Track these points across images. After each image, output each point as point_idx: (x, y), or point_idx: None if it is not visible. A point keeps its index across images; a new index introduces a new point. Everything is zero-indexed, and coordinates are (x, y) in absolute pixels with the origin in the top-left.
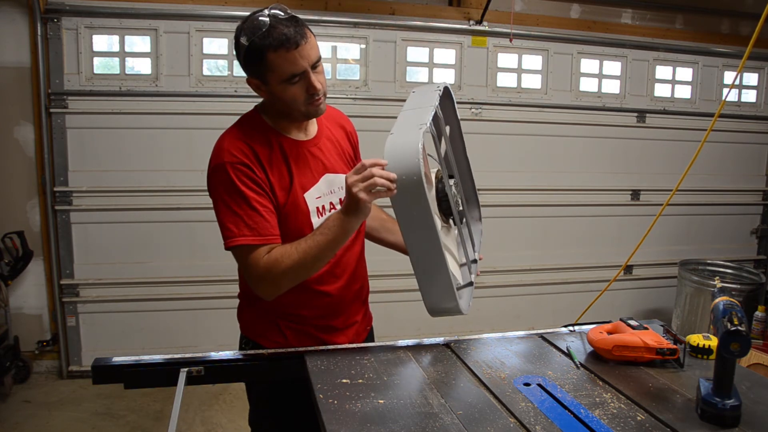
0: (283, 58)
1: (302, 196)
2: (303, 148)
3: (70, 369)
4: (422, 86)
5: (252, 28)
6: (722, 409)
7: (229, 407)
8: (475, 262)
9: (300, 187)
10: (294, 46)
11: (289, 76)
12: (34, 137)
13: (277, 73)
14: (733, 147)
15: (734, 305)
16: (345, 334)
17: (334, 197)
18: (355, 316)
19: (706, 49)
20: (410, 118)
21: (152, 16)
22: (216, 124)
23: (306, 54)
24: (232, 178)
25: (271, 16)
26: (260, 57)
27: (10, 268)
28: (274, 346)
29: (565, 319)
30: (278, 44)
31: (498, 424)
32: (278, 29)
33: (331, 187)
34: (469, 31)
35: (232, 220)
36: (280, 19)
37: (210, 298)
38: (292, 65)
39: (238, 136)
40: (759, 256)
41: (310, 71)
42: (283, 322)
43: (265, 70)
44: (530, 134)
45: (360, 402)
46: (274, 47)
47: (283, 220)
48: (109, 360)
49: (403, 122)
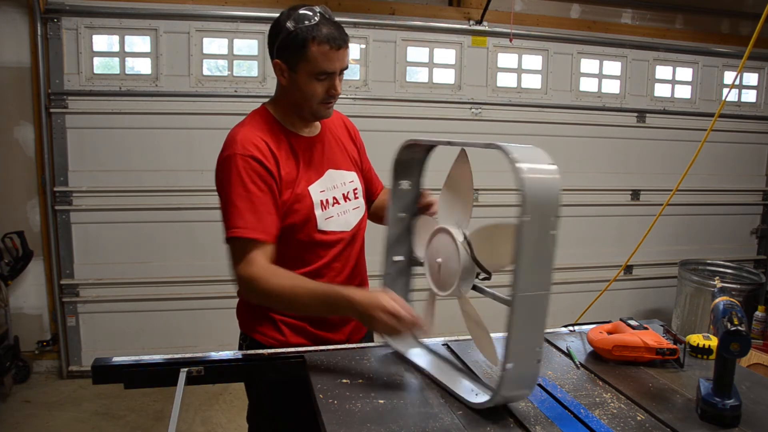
0: (324, 53)
1: (307, 189)
2: (309, 144)
3: (70, 369)
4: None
5: (301, 17)
6: (722, 409)
7: (229, 407)
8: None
9: (305, 180)
10: (337, 47)
11: (320, 71)
12: (34, 137)
13: (311, 65)
14: (733, 147)
15: (734, 305)
16: (342, 331)
17: (337, 192)
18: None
19: (706, 49)
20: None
21: (152, 16)
22: (216, 124)
23: (342, 58)
24: (240, 170)
25: (321, 12)
26: (302, 45)
27: (10, 268)
28: (271, 343)
29: (565, 319)
30: (324, 39)
31: (498, 424)
32: (327, 26)
33: (334, 182)
34: (469, 31)
35: (235, 211)
36: (328, 18)
37: (210, 298)
38: (328, 63)
39: (252, 130)
40: (759, 256)
41: (338, 75)
42: (280, 317)
43: (300, 58)
44: (530, 134)
45: (360, 402)
46: (319, 40)
47: (288, 211)
48: (109, 360)
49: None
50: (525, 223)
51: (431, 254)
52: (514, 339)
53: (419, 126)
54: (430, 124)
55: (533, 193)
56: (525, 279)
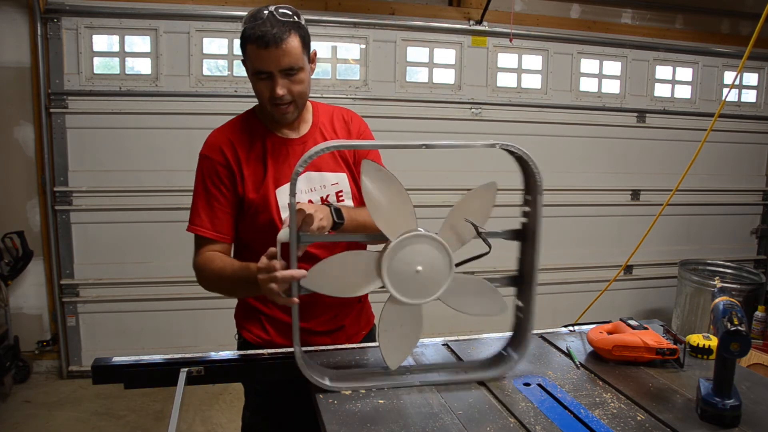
0: (255, 53)
1: (273, 191)
2: (285, 146)
3: (70, 369)
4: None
5: (250, 17)
6: (722, 409)
7: (229, 407)
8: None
9: (273, 182)
10: (263, 45)
11: (256, 71)
12: (34, 137)
13: (250, 63)
14: (733, 147)
15: (734, 305)
16: (330, 337)
17: (314, 195)
18: (342, 320)
19: (706, 49)
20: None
21: (152, 16)
22: (216, 124)
23: (274, 58)
24: (203, 170)
25: (269, 12)
26: (243, 44)
27: (10, 268)
28: (256, 341)
29: (565, 319)
30: (253, 39)
31: (498, 424)
32: (263, 26)
33: (312, 185)
34: (469, 31)
35: (194, 208)
36: (272, 17)
37: (210, 298)
38: (259, 62)
39: (223, 130)
40: (759, 256)
41: (277, 75)
42: (264, 316)
43: (245, 57)
44: (530, 134)
45: (360, 402)
46: (252, 39)
47: (253, 213)
48: (109, 360)
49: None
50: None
51: (400, 266)
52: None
53: (419, 126)
54: (430, 124)
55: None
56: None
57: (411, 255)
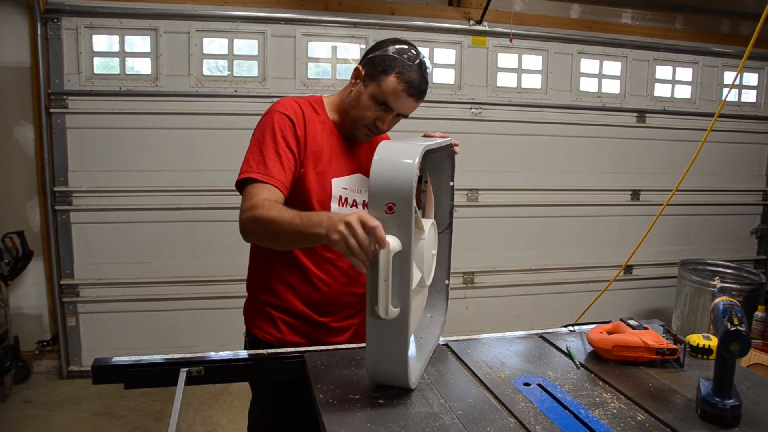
0: (395, 89)
1: (330, 179)
2: (345, 144)
3: (70, 369)
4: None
5: (403, 51)
6: (722, 409)
7: (229, 407)
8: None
9: (332, 171)
10: (409, 93)
11: (382, 101)
12: (34, 137)
13: (381, 90)
14: (733, 147)
15: (734, 305)
16: (342, 335)
17: (359, 197)
18: (352, 319)
19: (706, 49)
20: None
21: (152, 16)
22: (216, 124)
23: (407, 106)
24: (274, 124)
25: (422, 61)
26: (386, 70)
27: (10, 268)
28: (268, 339)
29: (565, 319)
30: (406, 80)
31: (498, 424)
32: (417, 74)
33: (360, 187)
34: (469, 31)
35: (255, 158)
36: (424, 68)
37: (210, 298)
38: (393, 99)
39: (299, 102)
40: (759, 256)
41: (392, 115)
42: (277, 313)
43: (377, 78)
44: (530, 134)
45: (360, 402)
46: (401, 78)
47: (307, 190)
48: (109, 360)
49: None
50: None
51: (424, 250)
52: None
53: (419, 126)
54: (430, 125)
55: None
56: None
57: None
